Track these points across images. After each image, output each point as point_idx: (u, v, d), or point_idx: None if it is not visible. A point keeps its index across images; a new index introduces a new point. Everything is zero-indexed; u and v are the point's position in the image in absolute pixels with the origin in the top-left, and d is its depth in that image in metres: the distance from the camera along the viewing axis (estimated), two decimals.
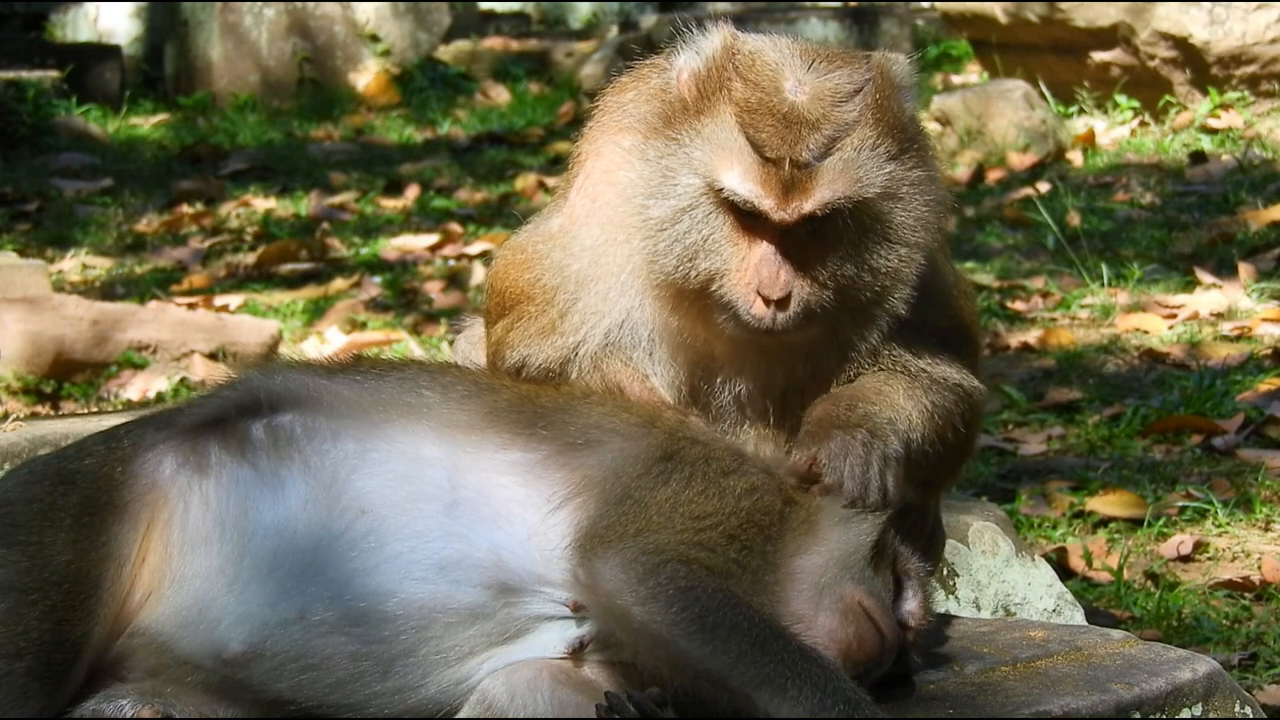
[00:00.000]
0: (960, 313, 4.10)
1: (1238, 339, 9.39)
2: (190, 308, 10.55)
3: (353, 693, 3.48)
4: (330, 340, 10.21)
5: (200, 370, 9.51)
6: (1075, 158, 13.68)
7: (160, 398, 9.14)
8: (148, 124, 18.32)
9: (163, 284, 11.93)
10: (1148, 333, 9.62)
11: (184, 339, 9.76)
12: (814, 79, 3.72)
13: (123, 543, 3.52)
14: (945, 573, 5.02)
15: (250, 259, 12.51)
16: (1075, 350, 9.38)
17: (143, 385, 9.38)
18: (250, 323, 10.17)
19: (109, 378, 9.50)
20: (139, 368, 9.59)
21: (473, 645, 3.49)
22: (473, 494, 3.55)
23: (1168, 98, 14.22)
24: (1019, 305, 10.29)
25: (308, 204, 14.26)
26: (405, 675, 3.48)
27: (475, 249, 12.40)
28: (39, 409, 9.09)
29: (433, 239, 12.83)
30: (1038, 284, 10.62)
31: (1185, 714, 3.67)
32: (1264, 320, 9.55)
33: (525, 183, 14.73)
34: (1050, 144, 13.71)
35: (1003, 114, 13.79)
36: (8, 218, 13.89)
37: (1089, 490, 7.45)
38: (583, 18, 23.18)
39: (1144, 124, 14.26)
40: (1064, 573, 6.52)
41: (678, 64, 3.83)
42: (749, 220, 3.72)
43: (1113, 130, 14.27)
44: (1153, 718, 3.62)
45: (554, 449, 3.61)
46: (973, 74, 16.99)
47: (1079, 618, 5.15)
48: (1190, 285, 10.31)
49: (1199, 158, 13.24)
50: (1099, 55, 14.41)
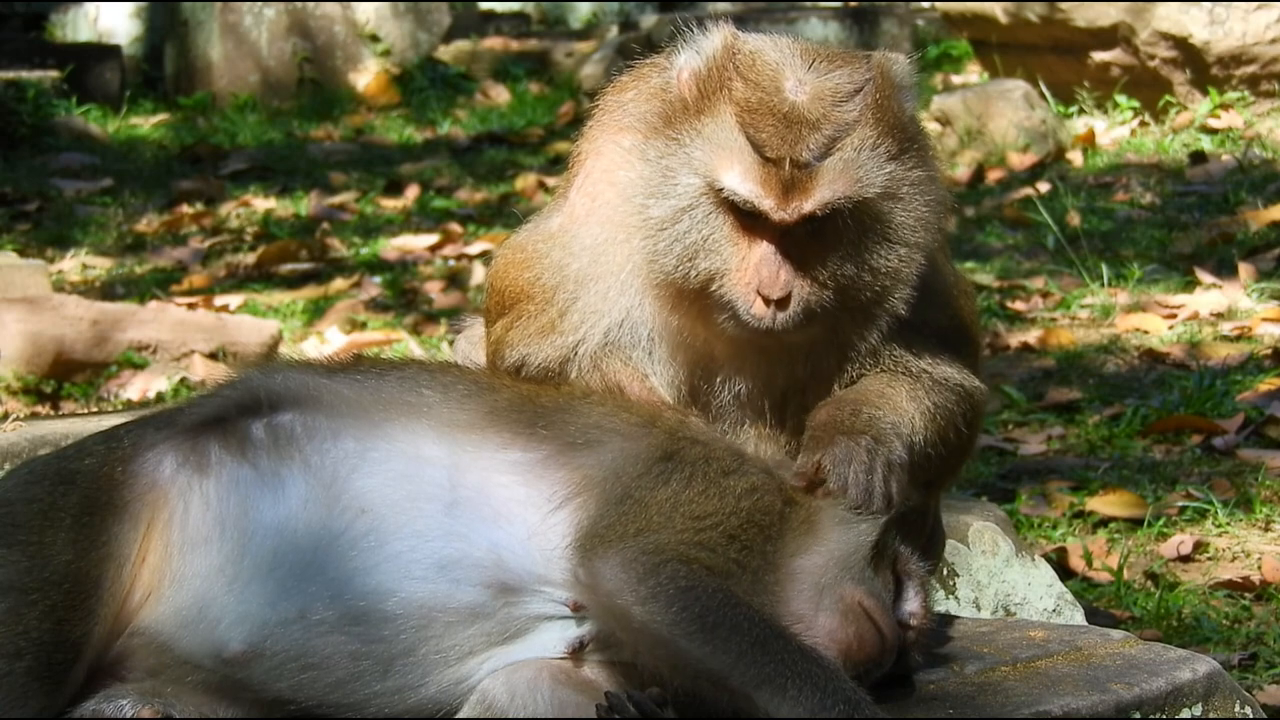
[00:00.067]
0: (961, 313, 4.10)
1: (1238, 339, 9.39)
2: (190, 308, 10.55)
3: (353, 692, 3.48)
4: (330, 340, 10.20)
5: (200, 370, 9.50)
6: (1075, 158, 13.67)
7: (160, 398, 9.14)
8: (148, 124, 18.31)
9: (163, 284, 11.92)
10: (1148, 333, 9.62)
11: (184, 339, 9.76)
12: (814, 79, 3.72)
13: (123, 542, 3.52)
14: (945, 573, 5.02)
15: (250, 259, 12.51)
16: (1075, 350, 9.38)
17: (143, 385, 9.38)
18: (250, 323, 10.16)
19: (109, 378, 9.50)
20: (139, 368, 9.59)
21: (473, 645, 3.49)
22: (473, 493, 3.55)
23: (1168, 98, 14.22)
24: (1019, 305, 10.29)
25: (308, 204, 14.25)
26: (405, 675, 3.48)
27: (475, 249, 12.40)
28: (39, 409, 9.08)
29: (433, 239, 12.82)
30: (1038, 284, 10.62)
31: (1185, 714, 3.67)
32: (1264, 320, 9.55)
33: (525, 183, 14.72)
34: (1050, 144, 13.71)
35: (1003, 114, 13.79)
36: (8, 218, 13.89)
37: (1089, 490, 7.45)
38: (583, 18, 23.17)
39: (1144, 124, 14.26)
40: (1064, 573, 6.52)
41: (678, 63, 3.83)
42: (749, 220, 3.72)
43: (1113, 130, 14.26)
44: (1153, 718, 3.62)
45: (554, 448, 3.61)
46: (973, 74, 16.98)
47: (1079, 618, 5.15)
48: (1190, 285, 10.31)
49: (1199, 158, 13.23)
50: (1099, 55, 14.40)
